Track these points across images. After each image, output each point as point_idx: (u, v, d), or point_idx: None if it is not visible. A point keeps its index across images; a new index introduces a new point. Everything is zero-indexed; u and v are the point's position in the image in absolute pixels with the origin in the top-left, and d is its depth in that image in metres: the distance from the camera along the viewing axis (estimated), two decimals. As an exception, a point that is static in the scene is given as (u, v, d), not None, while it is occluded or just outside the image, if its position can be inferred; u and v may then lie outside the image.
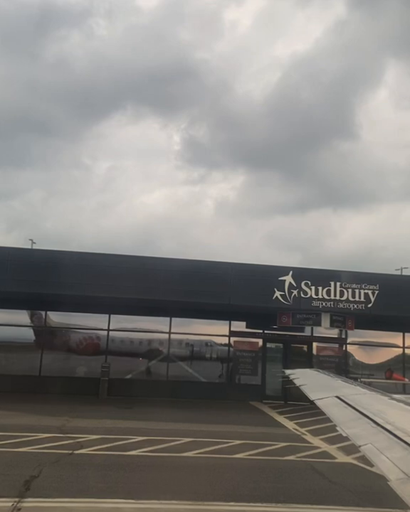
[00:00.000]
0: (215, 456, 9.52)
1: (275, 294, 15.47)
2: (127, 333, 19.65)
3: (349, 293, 15.64)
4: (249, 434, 11.76)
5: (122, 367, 18.92)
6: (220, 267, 15.74)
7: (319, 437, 12.06)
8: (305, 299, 15.56)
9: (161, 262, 15.84)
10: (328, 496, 7.32)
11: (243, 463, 9.14)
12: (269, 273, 15.67)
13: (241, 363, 18.97)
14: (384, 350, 20.09)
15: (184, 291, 15.45)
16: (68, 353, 19.16)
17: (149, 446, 9.92)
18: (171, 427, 12.18)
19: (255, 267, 15.99)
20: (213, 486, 7.50)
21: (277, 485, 7.76)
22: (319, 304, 15.57)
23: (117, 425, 12.09)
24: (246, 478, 8.12)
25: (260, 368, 18.99)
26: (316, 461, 9.52)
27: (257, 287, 15.45)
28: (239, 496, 7.08)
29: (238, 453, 9.79)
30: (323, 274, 15.89)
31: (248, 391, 18.44)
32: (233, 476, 8.23)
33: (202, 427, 12.36)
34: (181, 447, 10.03)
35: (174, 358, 18.90)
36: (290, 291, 15.52)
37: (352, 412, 4.23)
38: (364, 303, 15.63)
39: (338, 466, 9.29)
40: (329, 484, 7.98)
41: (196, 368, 19.28)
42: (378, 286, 15.65)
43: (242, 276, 15.52)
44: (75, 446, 9.45)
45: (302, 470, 8.77)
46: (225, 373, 19.16)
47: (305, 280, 15.62)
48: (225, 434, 11.59)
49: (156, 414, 14.15)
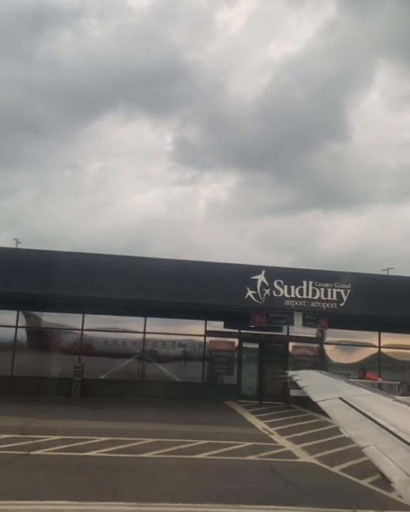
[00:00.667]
0: (175, 456, 9.42)
1: (248, 293, 15.41)
2: (114, 334, 19.53)
3: (322, 292, 15.61)
4: (216, 434, 11.66)
5: (107, 367, 18.77)
6: (192, 266, 15.66)
7: (286, 437, 12.02)
8: (278, 298, 15.52)
9: (135, 262, 15.71)
10: (279, 496, 7.24)
11: (202, 463, 9.04)
12: (242, 272, 15.61)
13: (217, 362, 18.89)
14: (361, 350, 20.11)
15: (155, 291, 15.33)
16: (44, 352, 18.94)
17: (110, 446, 9.79)
18: (137, 428, 12.06)
19: (228, 266, 15.92)
20: (165, 487, 7.40)
21: (231, 485, 7.66)
22: (291, 303, 15.53)
23: (82, 426, 11.94)
24: (201, 478, 8.04)
25: (236, 367, 18.92)
26: (277, 460, 9.44)
27: (229, 286, 15.39)
28: (188, 496, 6.97)
29: (200, 453, 9.69)
30: (296, 273, 15.86)
31: (223, 391, 18.38)
32: (188, 476, 8.14)
33: (169, 427, 12.25)
34: (142, 448, 9.91)
35: (150, 358, 18.78)
36: (263, 291, 15.47)
37: (355, 413, 4.23)
38: (336, 302, 15.61)
39: (298, 466, 9.23)
40: (284, 484, 7.90)
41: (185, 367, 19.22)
42: (350, 286, 15.64)
43: (214, 275, 15.44)
44: (32, 447, 9.30)
45: (260, 470, 8.69)
46: (202, 373, 19.04)
47: (278, 279, 15.58)
48: (191, 434, 11.48)
49: (126, 415, 14.04)
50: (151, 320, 18.71)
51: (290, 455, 10.07)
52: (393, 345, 19.52)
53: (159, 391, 17.46)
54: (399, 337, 19.36)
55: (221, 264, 15.92)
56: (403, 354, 19.46)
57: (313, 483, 8.09)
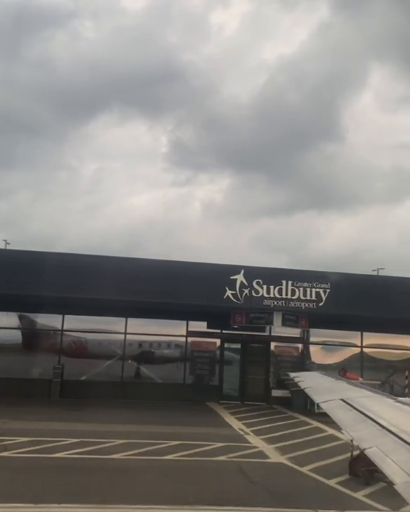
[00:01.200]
0: (144, 457, 9.33)
1: (227, 293, 15.33)
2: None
3: (301, 292, 15.56)
4: (190, 435, 11.54)
5: (88, 368, 18.64)
6: (172, 266, 15.57)
7: (261, 437, 11.95)
8: (257, 297, 15.45)
9: (113, 261, 15.60)
10: (241, 497, 7.16)
11: (170, 464, 8.94)
12: (221, 272, 15.53)
13: (199, 363, 18.80)
14: (344, 350, 20.08)
15: (134, 291, 15.22)
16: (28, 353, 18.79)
17: (79, 448, 9.69)
18: (111, 429, 11.92)
19: (207, 266, 15.83)
20: (128, 488, 7.31)
21: (194, 486, 7.58)
22: (270, 302, 15.47)
23: (56, 427, 11.81)
24: (166, 479, 7.93)
25: (217, 368, 18.84)
26: (247, 461, 9.37)
27: (208, 286, 15.29)
28: (149, 498, 6.89)
29: (170, 454, 9.60)
30: (275, 272, 15.79)
31: (205, 392, 18.26)
32: (153, 477, 8.04)
33: (144, 429, 12.13)
34: (112, 449, 9.81)
35: (131, 359, 18.68)
36: (242, 290, 15.40)
37: (357, 414, 4.20)
38: (315, 301, 15.56)
39: (267, 467, 9.16)
40: (248, 484, 7.83)
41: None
42: (329, 285, 15.60)
43: (193, 275, 15.34)
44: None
45: (227, 470, 8.62)
46: (183, 374, 18.93)
47: (257, 279, 15.51)
48: (165, 435, 11.37)
49: (103, 416, 13.88)
50: (132, 320, 18.58)
51: (262, 455, 10.00)
52: (376, 344, 19.51)
53: (139, 392, 17.34)
54: (381, 337, 19.36)
55: (200, 264, 15.83)
56: (386, 354, 19.45)
57: (279, 483, 8.03)
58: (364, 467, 8.27)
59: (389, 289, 15.80)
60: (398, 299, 15.43)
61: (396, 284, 16.05)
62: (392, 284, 16.02)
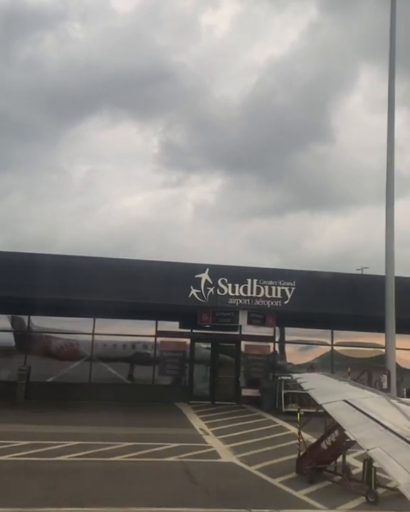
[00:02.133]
0: (92, 459, 9.14)
1: (191, 292, 15.16)
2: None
3: (266, 290, 15.44)
4: (147, 436, 11.39)
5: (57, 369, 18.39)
6: (135, 265, 15.36)
7: (220, 437, 11.83)
8: (222, 296, 15.30)
9: (78, 261, 15.34)
10: (178, 497, 7.03)
11: (116, 465, 8.77)
12: (185, 271, 15.35)
13: (168, 363, 18.60)
14: (315, 348, 20.01)
15: (100, 291, 15.00)
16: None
17: (27, 450, 9.50)
18: (68, 431, 11.70)
19: (172, 264, 15.64)
20: (62, 490, 7.14)
21: (133, 487, 7.43)
22: (235, 301, 15.33)
23: (9, 429, 11.52)
24: (107, 481, 7.77)
25: (187, 368, 18.68)
26: (196, 461, 9.24)
27: (173, 285, 15.11)
28: (82, 500, 6.72)
29: (119, 455, 9.44)
30: (240, 271, 15.65)
31: (174, 392, 18.08)
32: (93, 479, 7.88)
33: (100, 430, 11.90)
34: (60, 451, 9.61)
35: (99, 360, 18.46)
36: (207, 289, 15.24)
37: (360, 415, 4.22)
38: (280, 300, 15.45)
39: (215, 466, 9.03)
40: (189, 485, 7.69)
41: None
42: (294, 283, 15.51)
43: (158, 274, 15.15)
44: None
45: (172, 471, 8.47)
46: (152, 375, 18.72)
47: (222, 278, 15.36)
48: (121, 436, 11.19)
49: (64, 418, 13.67)
50: (100, 321, 18.35)
51: (213, 455, 9.87)
52: (346, 343, 19.46)
53: (108, 393, 17.07)
54: (352, 335, 19.33)
55: (165, 263, 15.65)
56: (356, 352, 19.40)
57: (222, 483, 7.89)
58: (310, 465, 8.21)
59: (355, 286, 15.73)
60: (365, 296, 15.36)
61: (362, 281, 16.01)
62: (358, 282, 15.98)
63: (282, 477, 8.24)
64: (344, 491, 7.57)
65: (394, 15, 14.74)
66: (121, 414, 14.61)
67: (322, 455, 8.16)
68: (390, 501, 7.20)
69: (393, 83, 15.32)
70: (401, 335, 19.45)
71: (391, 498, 7.36)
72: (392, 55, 15.28)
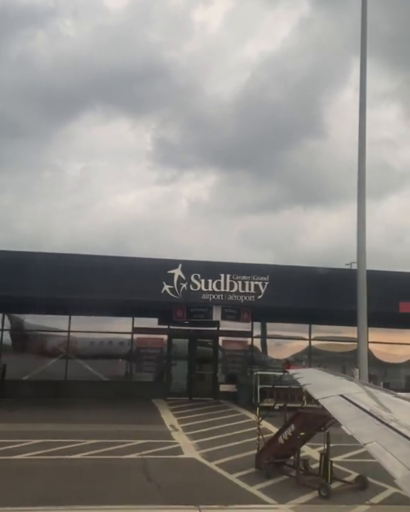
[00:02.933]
0: (50, 457, 9.05)
1: (164, 287, 15.06)
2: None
3: (239, 285, 15.38)
4: (114, 433, 11.26)
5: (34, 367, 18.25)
6: (106, 261, 15.22)
7: (188, 433, 11.78)
8: (195, 292, 15.21)
9: (47, 258, 15.18)
10: (129, 495, 6.94)
11: (74, 464, 8.67)
12: (158, 266, 15.26)
13: (146, 360, 18.52)
14: (294, 343, 20.01)
15: (72, 288, 14.86)
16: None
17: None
18: (35, 428, 11.55)
19: (144, 260, 15.55)
20: (11, 490, 7.01)
21: (85, 486, 7.33)
22: (208, 296, 15.25)
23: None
24: (59, 480, 7.66)
25: (165, 364, 18.60)
26: (157, 458, 9.17)
27: (145, 281, 14.99)
28: (30, 499, 6.61)
29: (79, 453, 9.35)
30: (213, 266, 15.56)
31: (152, 389, 18.00)
32: (46, 477, 7.75)
33: (69, 428, 11.79)
34: (21, 449, 9.50)
35: (75, 357, 18.34)
36: (179, 285, 15.14)
37: (356, 410, 4.18)
38: (254, 294, 15.39)
39: (175, 463, 8.96)
40: (143, 482, 7.60)
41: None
42: (268, 278, 15.45)
43: (130, 270, 15.03)
44: None
45: (129, 468, 8.37)
46: (129, 371, 18.65)
47: (195, 273, 15.27)
48: (87, 433, 11.06)
49: (34, 416, 13.53)
50: (77, 318, 18.23)
51: (176, 451, 9.80)
52: (323, 337, 19.47)
53: (84, 391, 16.91)
54: (329, 329, 19.33)
55: (137, 259, 15.55)
56: (333, 346, 19.41)
57: (177, 479, 7.81)
58: (268, 460, 8.15)
59: (328, 281, 15.68)
60: (338, 290, 15.32)
61: (335, 276, 15.94)
62: (332, 276, 15.90)
63: (240, 472, 8.17)
64: (299, 485, 7.51)
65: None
66: (94, 412, 14.48)
67: (280, 449, 8.11)
68: (343, 495, 7.18)
69: (364, 80, 15.38)
70: (380, 329, 19.77)
71: (345, 492, 7.35)
72: (363, 53, 15.30)
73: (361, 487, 7.41)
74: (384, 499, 7.05)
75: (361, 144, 14.63)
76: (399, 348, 20.25)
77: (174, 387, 18.46)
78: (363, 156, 14.54)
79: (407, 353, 19.90)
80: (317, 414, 7.91)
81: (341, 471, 8.45)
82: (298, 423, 7.86)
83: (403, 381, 20.07)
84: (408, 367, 20.16)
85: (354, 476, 8.00)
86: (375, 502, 6.93)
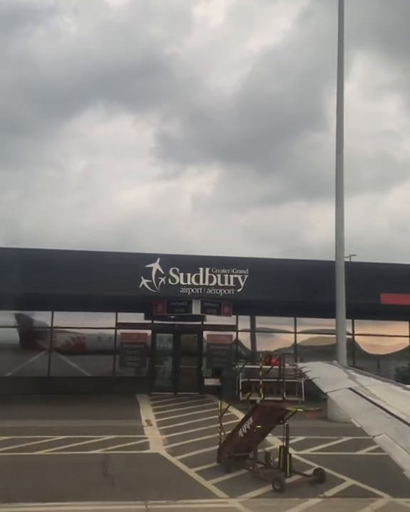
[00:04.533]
0: (12, 454, 8.95)
1: (142, 282, 14.94)
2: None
3: (219, 278, 15.24)
4: (87, 428, 11.17)
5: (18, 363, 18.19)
6: (83, 257, 15.07)
7: (162, 427, 11.72)
8: (173, 286, 15.08)
9: (20, 253, 14.98)
10: (79, 491, 6.83)
11: (35, 460, 8.57)
12: (136, 261, 15.13)
13: (129, 355, 18.41)
14: (280, 336, 19.87)
15: (51, 283, 14.74)
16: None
17: None
18: (6, 425, 11.47)
19: (121, 255, 15.43)
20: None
21: (39, 482, 7.24)
22: (187, 290, 15.12)
23: None
24: (15, 476, 7.55)
25: (149, 359, 18.51)
26: (120, 453, 9.06)
27: (122, 276, 14.86)
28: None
29: (44, 449, 9.27)
30: (192, 260, 15.42)
31: (136, 384, 17.88)
32: (2, 474, 7.65)
33: (41, 423, 11.68)
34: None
35: (58, 353, 18.26)
36: (158, 279, 15.01)
37: (365, 402, 4.20)
38: (233, 288, 15.25)
39: (138, 458, 8.85)
40: (98, 478, 7.48)
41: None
42: (247, 271, 15.30)
43: (107, 265, 14.89)
44: None
45: (90, 464, 8.26)
46: (113, 367, 18.53)
47: (174, 267, 15.13)
48: (58, 429, 11.00)
49: (12, 413, 13.43)
50: (59, 314, 18.14)
51: (142, 447, 9.72)
52: (308, 330, 19.32)
53: (67, 387, 16.89)
54: (314, 322, 19.15)
55: (114, 254, 15.41)
56: (319, 339, 19.27)
57: (134, 475, 7.71)
58: (228, 454, 8.04)
59: (308, 273, 15.49)
60: (317, 282, 15.15)
61: (314, 268, 15.71)
62: (311, 268, 15.70)
63: (200, 467, 8.07)
64: (255, 479, 7.40)
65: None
66: (73, 408, 14.43)
67: (240, 443, 7.99)
68: (298, 488, 7.06)
69: (342, 68, 15.22)
70: (367, 321, 19.65)
71: (301, 485, 7.23)
72: (340, 36, 15.11)
73: (319, 480, 7.29)
74: (338, 492, 6.94)
75: (339, 137, 14.54)
76: (387, 340, 20.12)
77: (158, 382, 18.38)
78: (340, 147, 14.42)
79: (394, 345, 19.78)
80: (275, 406, 7.81)
81: (305, 464, 8.35)
82: (256, 416, 7.74)
83: (393, 373, 19.94)
84: (396, 359, 20.03)
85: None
86: (329, 495, 6.81)
